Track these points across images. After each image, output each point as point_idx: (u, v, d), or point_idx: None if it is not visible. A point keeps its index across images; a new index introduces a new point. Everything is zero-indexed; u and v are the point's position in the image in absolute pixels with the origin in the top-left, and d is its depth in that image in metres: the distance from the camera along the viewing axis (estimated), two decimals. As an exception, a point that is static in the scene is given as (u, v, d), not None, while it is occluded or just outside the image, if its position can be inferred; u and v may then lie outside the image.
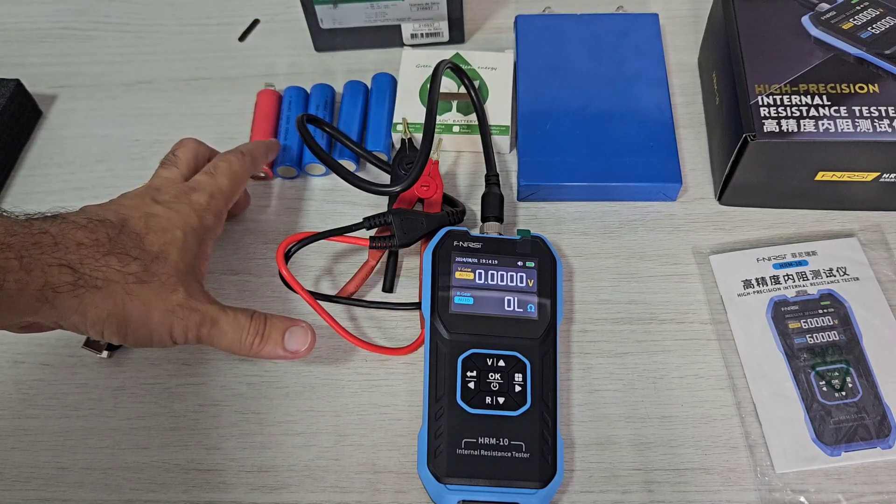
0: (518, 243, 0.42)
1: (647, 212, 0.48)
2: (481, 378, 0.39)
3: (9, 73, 0.55)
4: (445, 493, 0.36)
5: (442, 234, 0.42)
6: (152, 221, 0.38)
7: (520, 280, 0.41)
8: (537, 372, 0.39)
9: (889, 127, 0.41)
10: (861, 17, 0.46)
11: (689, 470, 0.39)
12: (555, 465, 0.37)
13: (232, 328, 0.37)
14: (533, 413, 0.38)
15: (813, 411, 0.39)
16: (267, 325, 0.38)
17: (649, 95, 0.50)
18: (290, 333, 0.39)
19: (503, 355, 0.39)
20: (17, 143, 0.54)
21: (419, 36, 0.56)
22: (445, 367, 0.39)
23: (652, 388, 0.42)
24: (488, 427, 0.37)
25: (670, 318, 0.44)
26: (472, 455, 0.37)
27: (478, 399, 0.38)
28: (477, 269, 0.41)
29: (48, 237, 0.34)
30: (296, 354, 0.39)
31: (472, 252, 0.42)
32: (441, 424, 0.37)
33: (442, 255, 0.41)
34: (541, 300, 0.41)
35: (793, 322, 0.42)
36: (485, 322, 0.40)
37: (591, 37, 0.53)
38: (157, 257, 0.37)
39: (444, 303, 0.40)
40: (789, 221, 0.47)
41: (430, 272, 0.41)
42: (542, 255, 0.42)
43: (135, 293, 0.35)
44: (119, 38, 0.60)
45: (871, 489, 0.38)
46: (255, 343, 0.38)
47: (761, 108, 0.43)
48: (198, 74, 0.57)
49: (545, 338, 0.40)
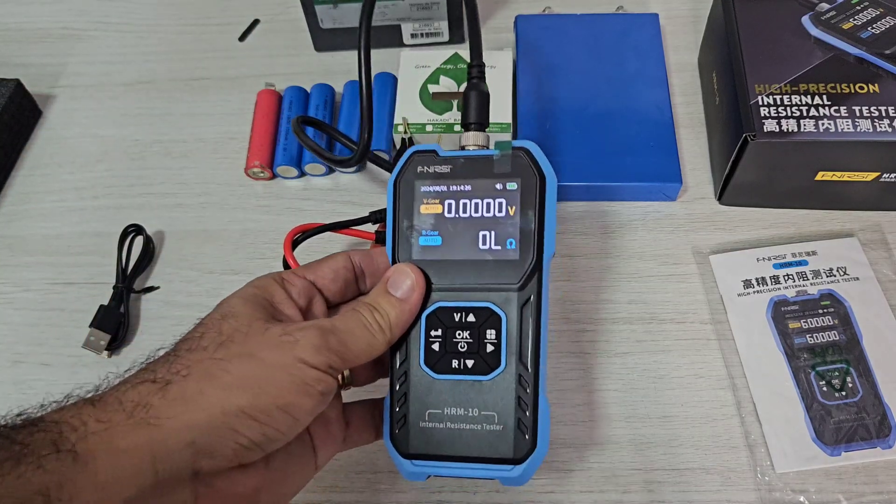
0: (496, 160, 0.34)
1: (647, 211, 0.48)
2: (447, 337, 0.33)
3: (9, 72, 0.55)
4: (410, 468, 0.32)
5: (407, 156, 0.35)
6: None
7: (498, 208, 0.33)
8: (515, 326, 0.32)
9: (889, 127, 0.41)
10: (861, 16, 0.46)
11: (689, 470, 0.39)
12: (535, 437, 0.31)
13: (351, 323, 0.31)
14: (508, 377, 0.32)
15: (813, 411, 0.39)
16: (369, 299, 0.32)
17: (649, 95, 0.50)
18: (391, 285, 0.32)
19: (473, 308, 0.33)
20: (17, 142, 0.54)
21: (419, 36, 0.56)
22: (409, 328, 0.33)
23: (652, 388, 0.42)
24: (455, 395, 0.32)
25: (670, 318, 0.44)
26: (437, 428, 0.32)
27: (443, 363, 0.32)
28: (446, 199, 0.34)
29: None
30: (414, 294, 0.32)
31: (441, 177, 0.34)
32: (403, 393, 0.33)
33: (405, 185, 0.34)
34: (524, 233, 0.33)
35: (793, 322, 0.42)
36: (455, 267, 0.33)
37: (590, 37, 0.53)
38: (224, 318, 0.30)
39: (405, 245, 0.34)
40: (789, 221, 0.47)
41: (391, 207, 0.34)
42: (527, 173, 0.33)
43: (225, 362, 0.28)
44: (119, 37, 0.60)
45: (871, 489, 0.38)
46: (379, 319, 0.32)
47: (761, 107, 0.43)
48: (198, 74, 0.57)
49: (526, 282, 0.32)
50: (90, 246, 0.49)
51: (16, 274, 0.49)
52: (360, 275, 0.36)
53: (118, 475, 0.25)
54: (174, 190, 0.52)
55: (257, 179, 0.51)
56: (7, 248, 0.50)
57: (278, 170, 0.50)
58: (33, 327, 0.47)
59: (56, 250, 0.50)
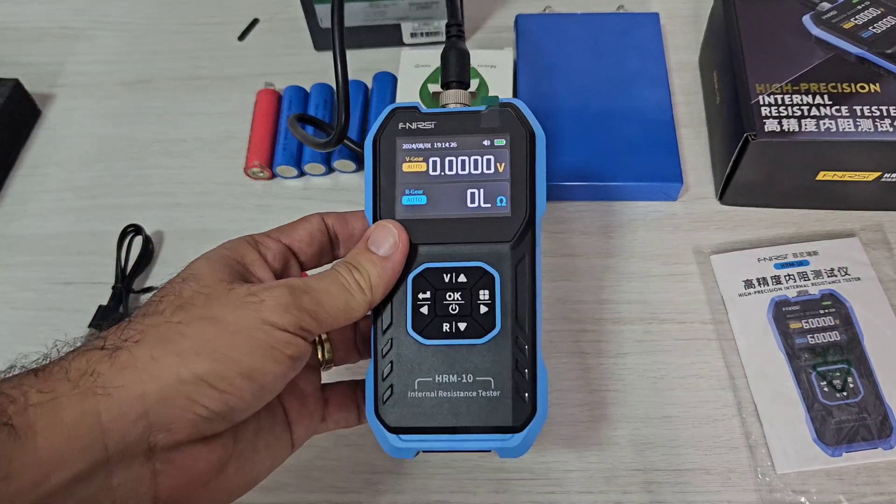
0: (483, 116, 0.33)
1: (648, 211, 0.48)
2: (437, 300, 0.31)
3: (8, 72, 0.55)
4: (399, 444, 0.30)
5: (385, 113, 0.33)
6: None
7: (486, 165, 0.32)
8: (509, 285, 0.31)
9: (890, 126, 0.41)
10: (862, 16, 0.46)
11: (689, 470, 0.39)
12: (534, 401, 0.30)
13: (327, 282, 0.29)
14: (503, 339, 0.30)
15: (814, 411, 0.39)
16: (348, 258, 0.30)
17: (650, 95, 0.50)
18: (372, 242, 0.30)
19: (464, 268, 0.31)
20: (16, 142, 0.54)
21: (419, 35, 0.56)
22: (393, 290, 0.31)
23: (652, 389, 0.41)
24: (447, 362, 0.30)
25: (671, 318, 0.44)
26: (429, 398, 0.30)
27: (433, 327, 0.31)
28: (430, 157, 0.32)
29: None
30: (395, 253, 0.30)
31: (424, 134, 0.33)
32: (389, 362, 0.31)
33: (385, 143, 0.33)
34: (515, 189, 0.31)
35: (794, 322, 0.42)
36: (441, 226, 0.31)
37: (591, 36, 0.52)
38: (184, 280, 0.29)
39: (388, 205, 0.32)
40: (790, 221, 0.47)
41: (370, 166, 0.33)
42: (516, 129, 0.32)
43: (185, 325, 0.26)
44: (118, 37, 0.60)
45: (872, 490, 0.38)
46: (359, 278, 0.29)
47: (762, 107, 0.42)
48: (197, 74, 0.57)
49: (520, 239, 0.31)
50: (89, 246, 0.49)
51: (14, 274, 0.49)
52: (335, 239, 0.34)
53: (63, 450, 0.23)
54: (173, 190, 0.52)
55: (257, 179, 0.51)
56: (6, 248, 0.50)
57: (278, 169, 0.50)
58: (32, 327, 0.46)
59: (55, 250, 0.50)
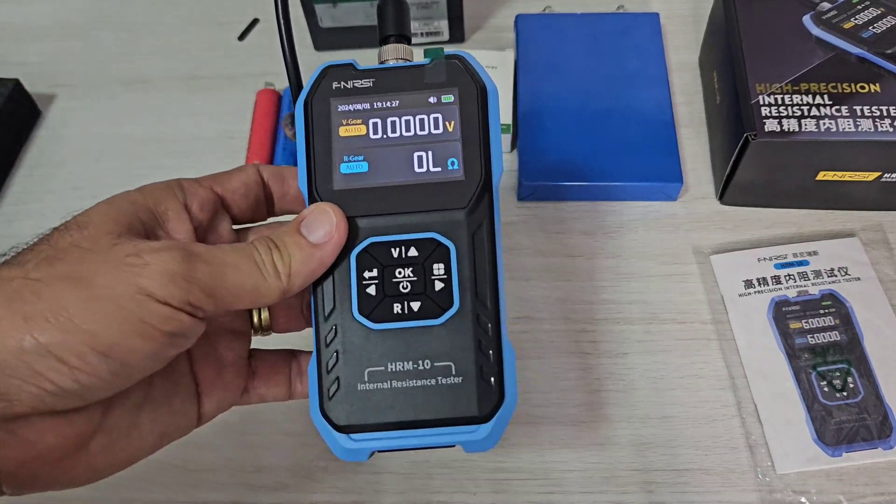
0: (427, 70, 0.29)
1: (648, 211, 0.48)
2: (385, 278, 0.27)
3: (7, 72, 0.55)
4: (350, 444, 0.27)
5: (318, 72, 0.31)
6: None
7: (434, 124, 0.29)
8: (466, 256, 0.28)
9: (890, 126, 0.41)
10: (862, 16, 0.46)
11: (689, 470, 0.39)
12: (502, 386, 0.27)
13: (236, 255, 0.25)
14: (463, 318, 0.27)
15: (814, 411, 0.39)
16: (273, 235, 0.27)
17: (650, 95, 0.50)
18: (305, 225, 0.27)
19: (414, 240, 0.28)
20: (16, 142, 0.54)
21: (419, 35, 0.56)
22: (334, 270, 0.28)
23: (652, 389, 0.41)
24: (400, 347, 0.27)
25: (671, 318, 0.44)
26: (381, 390, 0.27)
27: (382, 309, 0.27)
28: (371, 119, 0.29)
29: None
30: (328, 242, 0.27)
31: (362, 93, 0.29)
32: (334, 352, 0.27)
33: (318, 105, 0.29)
34: (467, 149, 0.28)
35: (794, 322, 0.42)
36: (387, 195, 0.28)
37: (591, 36, 0.52)
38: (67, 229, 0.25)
39: (324, 174, 0.28)
40: (790, 221, 0.47)
41: (303, 132, 0.29)
42: (465, 83, 0.29)
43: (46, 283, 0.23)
44: (118, 36, 0.60)
45: (872, 490, 0.38)
46: (278, 260, 0.26)
47: (762, 107, 0.42)
48: (197, 73, 0.57)
49: (476, 204, 0.28)
50: (89, 245, 0.49)
51: (14, 273, 0.49)
52: (269, 195, 0.30)
53: None
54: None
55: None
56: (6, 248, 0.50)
57: (278, 169, 0.50)
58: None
59: (55, 250, 0.49)
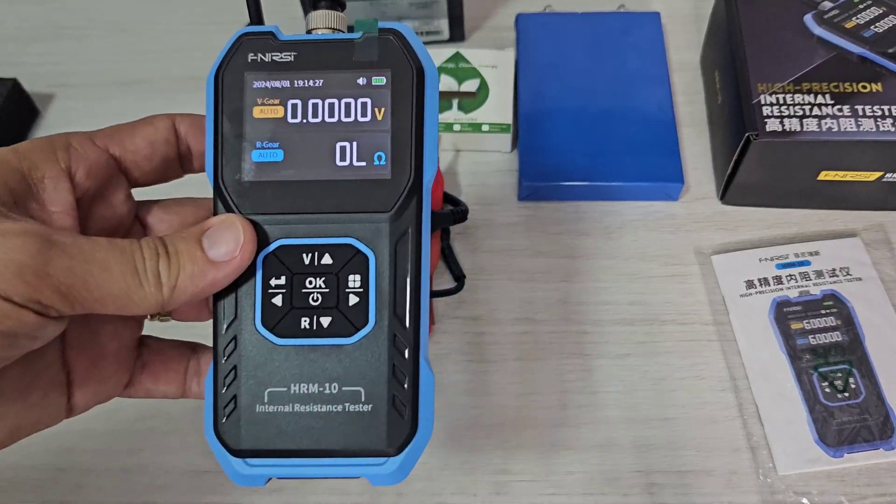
0: (357, 46, 0.26)
1: (649, 212, 0.48)
2: (294, 288, 0.25)
3: (6, 72, 0.55)
4: (245, 470, 0.24)
5: (233, 40, 0.27)
6: None
7: (361, 110, 0.25)
8: (387, 269, 0.24)
9: (892, 126, 0.41)
10: (864, 15, 0.46)
11: (690, 472, 0.39)
12: (415, 418, 0.24)
13: (110, 253, 0.22)
14: (378, 338, 0.24)
15: (815, 412, 0.39)
16: (168, 239, 0.23)
17: (651, 94, 0.49)
18: (208, 236, 0.24)
19: (329, 245, 0.25)
20: (15, 142, 0.54)
21: (419, 34, 0.56)
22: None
23: (653, 390, 0.41)
24: (306, 367, 0.24)
25: (672, 319, 0.44)
26: (283, 413, 0.24)
27: (288, 322, 0.24)
28: (289, 100, 0.25)
29: None
30: (228, 263, 0.23)
31: (281, 69, 0.26)
32: (232, 366, 0.24)
33: (230, 79, 0.26)
34: (397, 143, 0.25)
35: (795, 323, 0.42)
36: (302, 191, 0.25)
37: (592, 35, 0.52)
38: None
39: (233, 162, 0.25)
40: (792, 221, 0.47)
41: (211, 111, 0.26)
42: (400, 62, 0.25)
43: None
44: (116, 36, 0.60)
45: (873, 491, 0.38)
46: (163, 268, 0.22)
47: (764, 107, 0.42)
48: (196, 73, 0.57)
49: (403, 209, 0.25)
50: (88, 246, 0.49)
51: (13, 274, 0.49)
52: (186, 153, 0.27)
53: None
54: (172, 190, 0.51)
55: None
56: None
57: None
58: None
59: (53, 250, 0.49)
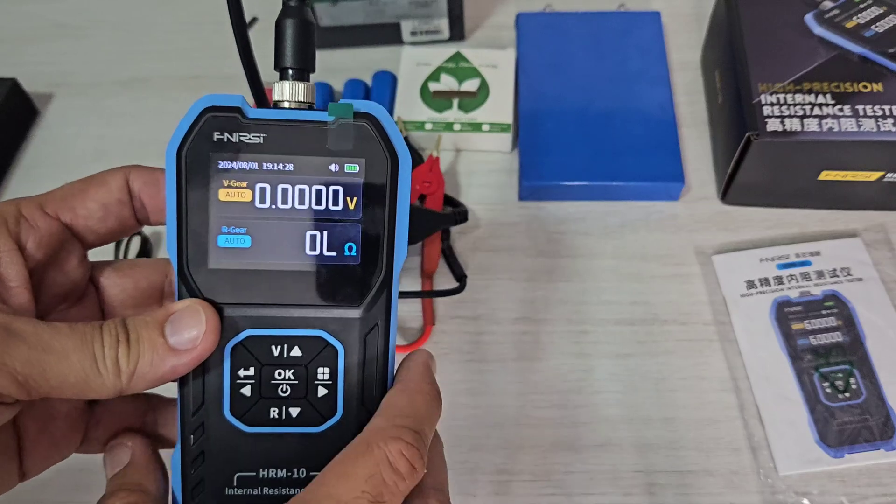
0: (331, 132, 0.25)
1: (650, 211, 0.48)
2: (263, 378, 0.25)
3: (5, 72, 0.55)
4: None
5: (194, 115, 0.25)
6: None
7: (332, 199, 0.24)
8: (355, 361, 0.25)
9: (893, 126, 0.41)
10: (864, 15, 0.46)
11: (691, 472, 0.39)
12: None
13: (69, 340, 0.21)
14: (346, 428, 0.25)
15: (816, 413, 0.39)
16: (129, 323, 0.23)
17: (651, 94, 0.49)
18: (171, 324, 0.23)
19: (298, 338, 0.25)
20: (14, 142, 0.54)
21: (419, 34, 0.55)
22: (204, 362, 0.24)
23: (654, 390, 0.41)
24: (275, 453, 0.25)
25: (672, 320, 0.43)
26: (251, 496, 0.24)
27: (257, 412, 0.25)
28: (258, 183, 0.24)
29: None
30: (189, 352, 0.23)
31: (249, 150, 0.24)
32: (200, 451, 0.25)
33: (194, 158, 0.24)
34: (368, 234, 0.25)
35: (796, 323, 0.42)
36: (271, 280, 0.24)
37: (592, 35, 0.52)
38: None
39: (198, 247, 0.24)
40: (793, 221, 0.46)
41: (174, 190, 0.24)
42: (374, 151, 0.25)
43: None
44: (115, 36, 0.60)
45: (874, 491, 0.38)
46: (122, 355, 0.22)
47: (764, 106, 0.42)
48: (195, 73, 0.57)
49: (373, 302, 0.25)
50: (87, 246, 0.49)
51: (12, 274, 0.49)
52: (141, 209, 0.26)
53: None
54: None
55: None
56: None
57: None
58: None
59: (53, 251, 0.49)
